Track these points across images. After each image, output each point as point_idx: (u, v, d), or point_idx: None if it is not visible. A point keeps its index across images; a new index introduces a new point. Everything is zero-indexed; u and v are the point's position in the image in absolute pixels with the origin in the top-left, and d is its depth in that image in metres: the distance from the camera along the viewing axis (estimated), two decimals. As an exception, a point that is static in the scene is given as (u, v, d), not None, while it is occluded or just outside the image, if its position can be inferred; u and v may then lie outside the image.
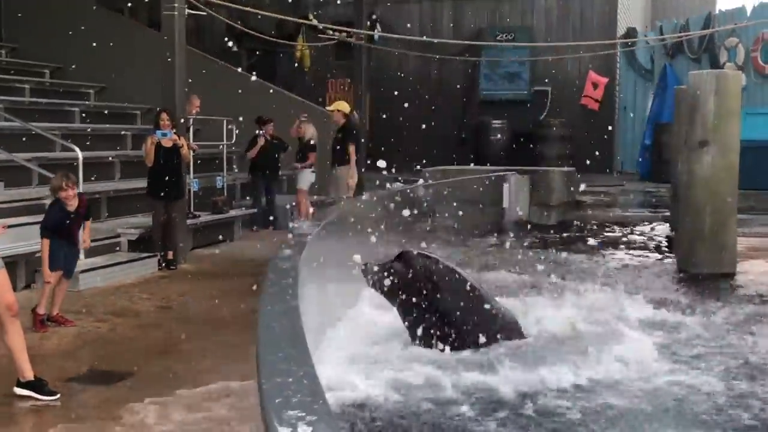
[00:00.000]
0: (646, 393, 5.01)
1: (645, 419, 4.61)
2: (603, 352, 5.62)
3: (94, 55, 15.03)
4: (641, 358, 5.57)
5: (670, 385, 5.17)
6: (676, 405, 4.84)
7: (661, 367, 5.47)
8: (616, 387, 5.16)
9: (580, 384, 5.19)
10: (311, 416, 1.62)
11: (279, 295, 2.73)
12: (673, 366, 5.54)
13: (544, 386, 5.13)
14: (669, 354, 5.80)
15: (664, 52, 19.42)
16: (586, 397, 4.95)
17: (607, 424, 4.55)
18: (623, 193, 15.44)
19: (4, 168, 10.25)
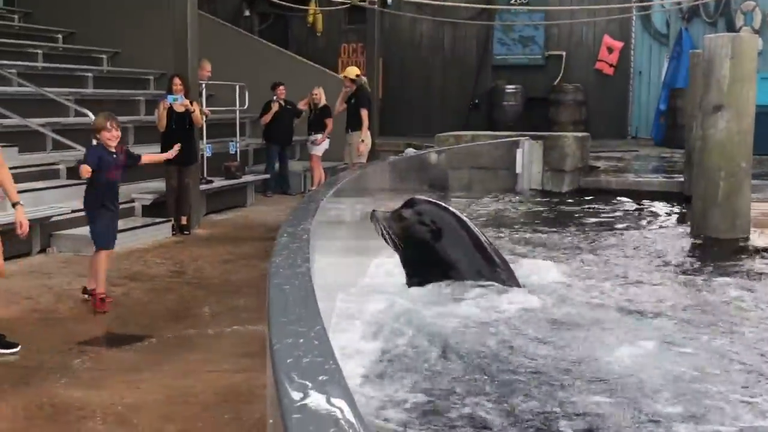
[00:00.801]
0: (647, 357, 4.98)
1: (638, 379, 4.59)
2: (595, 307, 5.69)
3: (107, 21, 15.01)
4: (643, 319, 5.57)
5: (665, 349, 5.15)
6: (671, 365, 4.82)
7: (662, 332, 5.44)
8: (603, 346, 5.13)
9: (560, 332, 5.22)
10: (322, 376, 1.63)
11: (290, 257, 2.74)
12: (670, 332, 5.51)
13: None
14: (669, 317, 5.78)
15: (679, 16, 19.20)
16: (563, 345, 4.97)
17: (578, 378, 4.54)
18: (637, 158, 15.36)
19: (19, 133, 10.29)
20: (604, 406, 4.11)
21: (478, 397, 4.14)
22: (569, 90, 18.89)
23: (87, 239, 8.57)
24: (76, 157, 10.13)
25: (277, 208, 12.09)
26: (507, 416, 3.95)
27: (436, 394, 4.21)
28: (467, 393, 4.19)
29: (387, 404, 4.01)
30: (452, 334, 5.03)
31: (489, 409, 4.01)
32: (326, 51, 20.11)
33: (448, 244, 5.95)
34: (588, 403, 4.14)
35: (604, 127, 18.98)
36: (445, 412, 3.99)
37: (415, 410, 4.02)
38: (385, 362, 4.60)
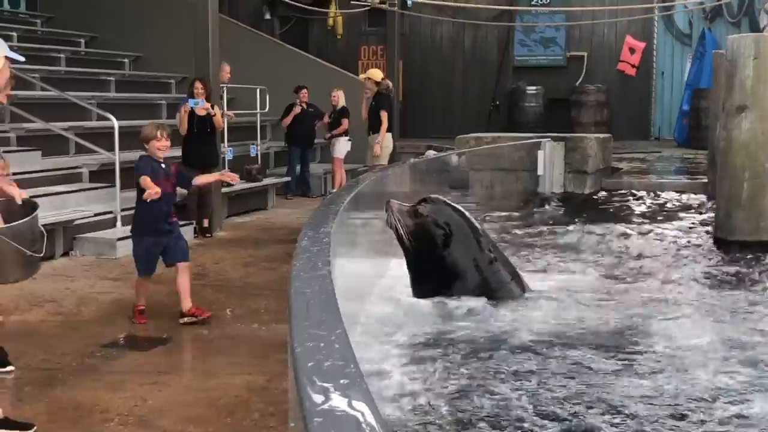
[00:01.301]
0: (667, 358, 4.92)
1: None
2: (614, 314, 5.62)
3: (129, 25, 15.10)
4: (665, 324, 5.49)
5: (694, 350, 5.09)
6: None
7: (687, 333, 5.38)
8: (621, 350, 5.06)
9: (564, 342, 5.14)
10: (343, 380, 1.63)
11: (311, 261, 2.74)
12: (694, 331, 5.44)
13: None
14: (691, 319, 5.72)
15: (702, 16, 19.07)
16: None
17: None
18: (660, 159, 15.26)
19: (42, 137, 10.37)
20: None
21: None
22: (591, 91, 18.81)
23: (110, 242, 8.66)
24: (98, 161, 10.20)
25: (298, 210, 12.11)
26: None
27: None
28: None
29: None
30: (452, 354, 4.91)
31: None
32: (346, 53, 20.14)
33: (457, 249, 5.87)
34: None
35: (627, 128, 18.89)
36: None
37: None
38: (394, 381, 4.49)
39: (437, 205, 5.97)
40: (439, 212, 5.90)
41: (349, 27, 20.46)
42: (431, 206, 5.92)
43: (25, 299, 6.96)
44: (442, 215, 5.89)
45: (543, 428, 3.85)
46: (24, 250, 4.33)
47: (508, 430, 3.82)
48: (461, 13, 19.57)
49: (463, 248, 5.86)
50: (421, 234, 5.82)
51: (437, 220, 5.84)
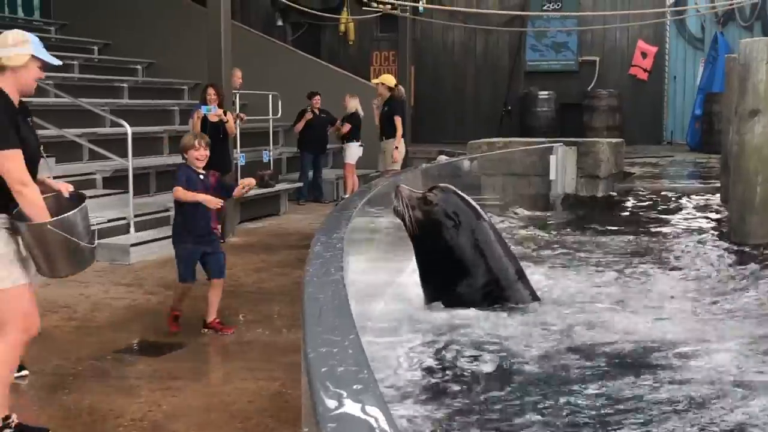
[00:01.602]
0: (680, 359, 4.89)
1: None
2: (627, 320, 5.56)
3: (142, 32, 15.19)
4: (678, 329, 5.45)
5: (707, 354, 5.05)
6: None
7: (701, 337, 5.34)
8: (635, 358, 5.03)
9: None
10: (357, 385, 1.63)
11: (324, 266, 2.75)
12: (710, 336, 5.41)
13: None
14: (705, 325, 5.67)
15: (715, 20, 19.02)
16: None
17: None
18: (673, 164, 15.21)
19: (55, 143, 10.42)
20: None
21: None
22: (603, 95, 18.79)
23: (122, 249, 8.69)
24: (112, 167, 10.25)
25: (310, 216, 12.13)
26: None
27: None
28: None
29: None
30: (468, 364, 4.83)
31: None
32: (358, 59, 20.19)
33: (465, 241, 5.66)
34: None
35: (639, 133, 18.86)
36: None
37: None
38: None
39: (447, 194, 5.76)
40: (449, 201, 5.70)
41: (361, 33, 20.51)
42: (441, 195, 5.72)
43: (39, 305, 6.98)
44: (451, 204, 5.69)
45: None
46: (77, 241, 4.30)
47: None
48: (473, 19, 19.58)
49: (471, 240, 5.68)
50: (429, 222, 5.62)
51: (446, 209, 5.65)
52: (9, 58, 4.17)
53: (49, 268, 4.38)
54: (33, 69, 4.24)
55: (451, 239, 5.63)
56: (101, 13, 15.43)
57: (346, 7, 20.04)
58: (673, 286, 6.82)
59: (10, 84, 4.18)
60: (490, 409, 4.15)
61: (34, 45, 4.24)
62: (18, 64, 4.18)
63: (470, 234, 5.68)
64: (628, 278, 7.02)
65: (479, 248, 5.71)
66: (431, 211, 5.62)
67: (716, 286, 6.93)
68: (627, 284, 6.78)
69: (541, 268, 7.19)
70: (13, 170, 4.09)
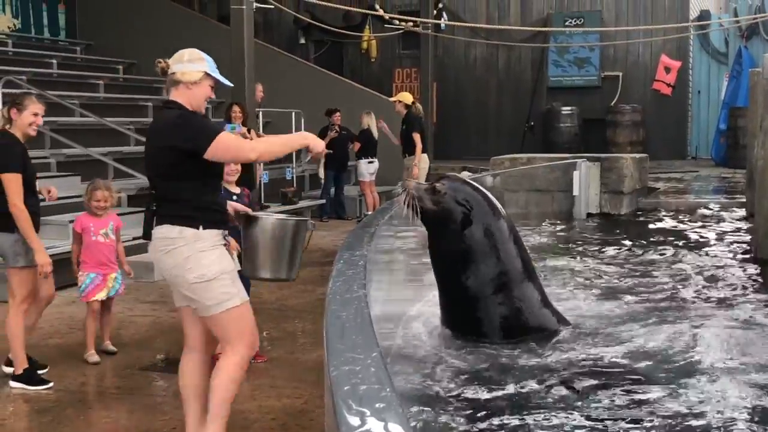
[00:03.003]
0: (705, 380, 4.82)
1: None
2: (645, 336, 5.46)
3: (166, 51, 15.22)
4: (704, 348, 5.37)
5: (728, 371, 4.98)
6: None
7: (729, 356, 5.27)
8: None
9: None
10: (379, 404, 1.63)
11: (346, 284, 2.75)
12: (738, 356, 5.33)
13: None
14: (735, 343, 5.60)
15: (738, 34, 18.93)
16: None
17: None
18: (697, 179, 15.12)
19: (81, 162, 10.54)
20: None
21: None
22: (626, 111, 18.72)
23: (147, 266, 8.74)
24: (136, 185, 10.33)
25: (333, 232, 12.15)
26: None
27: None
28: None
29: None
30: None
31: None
32: (381, 76, 20.26)
33: (477, 231, 5.23)
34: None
35: (663, 148, 18.76)
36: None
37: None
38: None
39: (456, 183, 5.42)
40: (458, 189, 5.31)
41: (383, 50, 20.59)
42: (449, 183, 5.35)
43: (64, 323, 7.05)
44: (461, 192, 5.30)
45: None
46: (297, 249, 4.29)
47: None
48: (494, 35, 19.61)
49: (483, 230, 5.25)
50: (438, 212, 5.21)
51: (456, 197, 5.25)
52: (183, 73, 4.24)
53: (272, 267, 4.35)
54: (205, 86, 4.29)
55: (462, 229, 5.21)
56: (126, 33, 15.61)
57: (368, 24, 20.13)
58: (698, 305, 6.75)
59: (184, 99, 4.22)
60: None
61: (208, 63, 4.32)
62: (192, 80, 4.23)
63: (483, 223, 5.26)
64: (651, 296, 6.96)
65: (493, 240, 5.29)
66: (439, 200, 5.22)
67: (743, 304, 6.85)
68: (650, 303, 6.71)
69: (562, 288, 7.14)
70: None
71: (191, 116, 4.14)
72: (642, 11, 19.38)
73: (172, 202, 4.04)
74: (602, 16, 19.47)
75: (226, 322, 4.07)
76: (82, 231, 6.13)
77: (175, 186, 4.05)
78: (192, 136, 4.00)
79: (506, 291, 5.32)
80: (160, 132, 4.13)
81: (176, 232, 4.00)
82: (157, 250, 4.06)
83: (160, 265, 4.14)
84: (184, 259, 3.99)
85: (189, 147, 3.98)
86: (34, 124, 5.60)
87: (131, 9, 15.82)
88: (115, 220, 6.38)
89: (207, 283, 3.98)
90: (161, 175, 4.09)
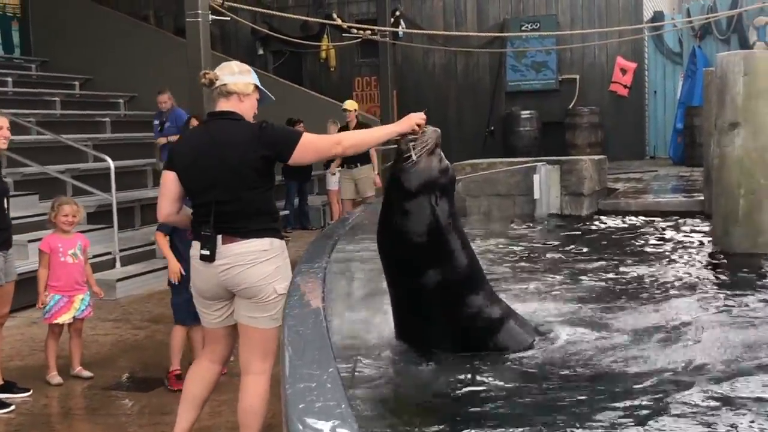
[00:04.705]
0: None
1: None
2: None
3: (123, 65, 15.20)
4: (664, 346, 5.43)
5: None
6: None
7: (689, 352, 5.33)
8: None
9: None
10: (334, 420, 1.63)
11: (304, 297, 2.75)
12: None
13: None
14: (696, 339, 5.66)
15: (692, 34, 19.20)
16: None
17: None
18: (656, 178, 15.28)
19: (38, 180, 10.41)
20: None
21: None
22: (584, 113, 18.90)
23: (108, 284, 8.66)
24: (96, 203, 10.23)
25: (297, 244, 12.09)
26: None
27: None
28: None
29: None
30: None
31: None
32: (340, 85, 20.26)
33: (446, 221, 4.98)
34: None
35: (622, 149, 18.95)
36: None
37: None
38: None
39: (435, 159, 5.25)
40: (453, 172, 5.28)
41: (342, 59, 20.60)
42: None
43: (25, 344, 6.96)
44: (451, 176, 5.22)
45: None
46: None
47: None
48: (452, 41, 19.70)
49: (449, 216, 5.03)
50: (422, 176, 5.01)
51: (450, 172, 5.19)
52: (236, 84, 4.20)
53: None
54: (254, 99, 4.29)
55: (436, 206, 4.98)
56: (81, 49, 15.46)
57: (326, 34, 20.13)
58: (659, 302, 6.83)
59: (237, 110, 4.20)
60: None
61: (254, 76, 4.32)
62: (246, 91, 4.23)
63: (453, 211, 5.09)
64: (613, 297, 7.03)
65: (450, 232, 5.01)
66: (443, 161, 5.20)
67: (701, 298, 6.94)
68: (612, 304, 6.78)
69: (521, 288, 7.18)
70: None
71: (271, 124, 4.15)
72: (597, 14, 19.58)
73: (259, 214, 4.03)
74: (558, 20, 19.64)
75: (273, 337, 4.12)
76: (50, 252, 6.03)
77: (263, 196, 4.06)
78: (279, 142, 4.05)
79: (458, 296, 5.08)
80: (238, 144, 4.03)
81: (267, 244, 4.01)
82: (241, 264, 3.97)
83: (237, 279, 3.99)
84: (276, 269, 4.01)
85: (277, 153, 4.03)
86: (1, 137, 5.57)
87: (86, 24, 15.67)
88: (83, 240, 6.30)
89: (285, 296, 3.90)
90: (248, 187, 4.00)
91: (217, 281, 4.05)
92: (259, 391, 4.16)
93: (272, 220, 4.11)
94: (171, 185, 4.17)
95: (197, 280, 4.16)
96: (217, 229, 3.99)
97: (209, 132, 4.14)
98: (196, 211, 4.15)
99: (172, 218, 4.30)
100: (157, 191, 5.22)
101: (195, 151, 4.11)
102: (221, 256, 3.99)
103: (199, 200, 4.09)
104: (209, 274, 4.04)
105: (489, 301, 5.28)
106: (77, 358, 6.11)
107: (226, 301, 4.17)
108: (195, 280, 4.18)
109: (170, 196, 4.19)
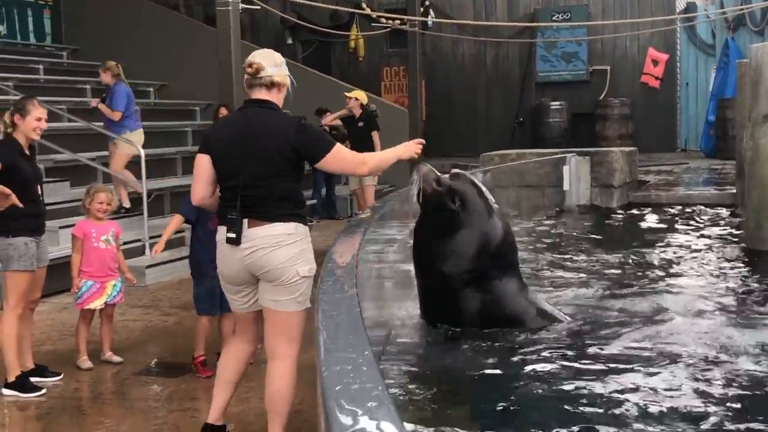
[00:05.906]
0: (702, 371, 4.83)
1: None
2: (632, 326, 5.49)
3: (154, 54, 15.27)
4: (692, 339, 5.38)
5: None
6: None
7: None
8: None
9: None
10: (371, 402, 1.62)
11: (338, 283, 2.74)
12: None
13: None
14: (726, 333, 5.60)
15: (725, 25, 18.95)
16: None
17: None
18: (687, 171, 15.14)
19: (69, 168, 10.49)
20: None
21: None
22: (615, 104, 18.74)
23: (138, 271, 8.71)
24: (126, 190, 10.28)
25: (324, 233, 12.10)
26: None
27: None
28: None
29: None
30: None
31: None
32: (369, 75, 20.24)
33: (463, 232, 5.38)
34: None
35: (653, 141, 18.79)
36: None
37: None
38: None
39: (459, 180, 5.58)
40: (458, 187, 5.48)
41: (370, 49, 20.57)
42: (453, 180, 5.56)
43: (56, 329, 7.03)
44: (459, 191, 5.46)
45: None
46: None
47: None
48: (482, 31, 19.60)
49: (469, 231, 5.39)
50: (434, 201, 5.39)
51: (453, 194, 5.42)
52: (280, 75, 4.30)
53: None
54: (285, 90, 4.37)
55: (451, 224, 5.39)
56: (112, 38, 15.53)
57: (355, 23, 20.11)
58: (690, 295, 6.76)
59: (276, 100, 4.28)
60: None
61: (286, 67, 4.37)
62: (285, 83, 4.32)
63: (473, 226, 5.41)
64: (646, 287, 6.98)
65: (476, 248, 5.41)
66: (438, 190, 5.42)
67: (734, 294, 6.87)
68: (644, 293, 6.73)
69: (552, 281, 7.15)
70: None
71: (309, 124, 4.26)
72: (629, 4, 19.39)
73: (285, 201, 4.09)
74: (589, 10, 19.48)
75: (299, 320, 4.18)
76: (83, 237, 6.07)
77: (291, 185, 4.14)
78: (312, 144, 4.13)
79: (482, 287, 5.38)
80: (275, 133, 4.11)
81: (292, 228, 4.07)
82: (266, 247, 4.01)
83: (261, 262, 4.04)
84: (300, 252, 4.07)
85: (307, 153, 4.11)
86: (37, 129, 5.64)
87: (117, 13, 15.75)
88: (116, 227, 6.35)
89: (308, 279, 4.09)
90: (278, 174, 4.08)
91: (242, 265, 4.09)
92: (286, 375, 4.19)
93: (297, 207, 4.16)
94: (205, 168, 4.21)
95: (223, 266, 4.20)
96: (244, 213, 4.03)
97: (248, 118, 4.19)
98: (223, 195, 4.20)
99: (207, 201, 4.32)
100: (187, 179, 5.26)
101: (232, 136, 4.16)
102: (247, 239, 4.03)
103: (228, 183, 4.13)
104: (235, 258, 4.08)
105: (519, 288, 5.49)
106: (108, 344, 6.15)
107: (252, 287, 4.20)
108: (221, 266, 4.22)
109: (205, 179, 4.24)
